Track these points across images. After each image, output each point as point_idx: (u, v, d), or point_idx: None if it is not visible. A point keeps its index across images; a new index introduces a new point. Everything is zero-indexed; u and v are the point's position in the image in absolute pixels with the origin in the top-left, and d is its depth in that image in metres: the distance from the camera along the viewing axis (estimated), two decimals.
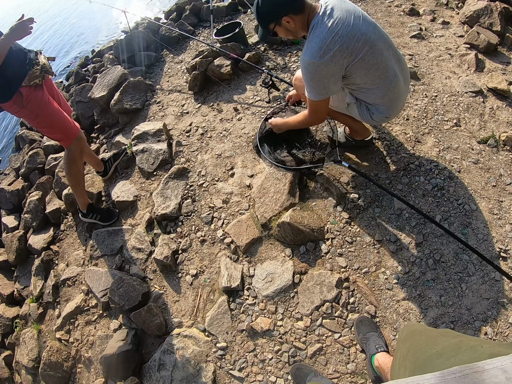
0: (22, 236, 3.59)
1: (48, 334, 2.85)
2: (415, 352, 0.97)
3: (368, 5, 4.75)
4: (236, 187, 2.87)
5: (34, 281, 3.20)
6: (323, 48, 1.88)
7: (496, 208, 2.36)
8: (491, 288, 2.04)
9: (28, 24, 2.30)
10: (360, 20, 1.95)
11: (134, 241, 2.86)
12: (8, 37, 2.22)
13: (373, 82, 2.09)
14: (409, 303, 2.08)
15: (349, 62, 1.97)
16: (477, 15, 3.87)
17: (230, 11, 5.91)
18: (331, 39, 1.87)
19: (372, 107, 2.25)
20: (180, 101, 4.05)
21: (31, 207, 3.62)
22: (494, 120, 2.89)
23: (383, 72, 2.06)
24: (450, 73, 3.38)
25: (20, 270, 3.52)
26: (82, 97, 4.50)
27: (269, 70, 3.80)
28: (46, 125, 2.65)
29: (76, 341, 2.67)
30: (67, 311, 2.78)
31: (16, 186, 4.24)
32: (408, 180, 2.57)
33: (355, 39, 1.91)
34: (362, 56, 1.96)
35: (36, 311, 3.02)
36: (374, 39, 1.97)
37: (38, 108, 2.51)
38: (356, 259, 2.31)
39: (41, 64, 2.52)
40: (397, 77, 2.13)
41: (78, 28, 9.64)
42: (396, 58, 2.15)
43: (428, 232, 2.30)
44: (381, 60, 2.02)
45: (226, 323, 2.26)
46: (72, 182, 2.93)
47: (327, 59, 1.90)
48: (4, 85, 2.34)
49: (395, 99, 2.20)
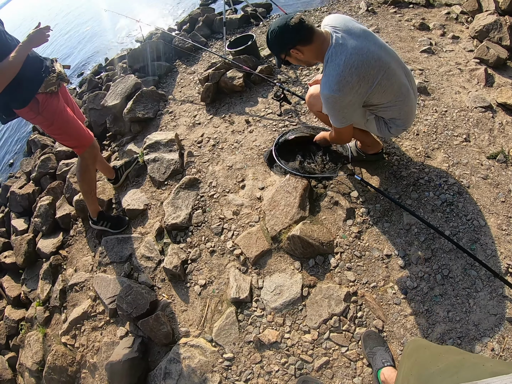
0: (31, 239, 3.63)
1: (54, 338, 2.87)
2: (419, 368, 0.99)
3: (379, 19, 4.82)
4: (246, 199, 2.90)
5: (41, 284, 3.22)
6: (341, 81, 1.94)
7: (504, 224, 2.36)
8: (498, 304, 2.04)
9: (45, 32, 2.35)
10: (372, 45, 2.00)
11: (143, 250, 2.89)
12: (26, 44, 2.26)
13: (389, 100, 2.16)
14: (417, 318, 2.08)
15: (367, 89, 2.03)
16: (487, 30, 3.90)
17: (242, 23, 6.02)
18: (348, 72, 1.92)
19: (390, 122, 2.31)
20: (192, 112, 4.11)
21: (41, 211, 3.66)
22: (504, 135, 2.91)
23: (398, 90, 2.12)
24: (460, 88, 3.41)
25: (28, 273, 3.55)
26: (95, 104, 4.57)
27: (281, 83, 3.84)
28: (60, 132, 2.67)
29: (81, 346, 2.68)
30: (73, 316, 2.80)
31: (27, 190, 4.29)
32: (418, 195, 2.59)
33: (371, 67, 1.96)
34: (379, 81, 2.02)
35: (42, 314, 3.04)
36: (387, 61, 2.03)
37: (54, 115, 2.54)
38: (364, 273, 2.32)
39: (57, 72, 2.55)
40: (409, 91, 2.19)
41: (92, 36, 9.76)
42: (405, 73, 2.21)
43: (437, 247, 2.31)
44: (395, 80, 2.08)
45: (234, 334, 2.27)
46: (84, 189, 2.96)
47: (346, 91, 1.96)
48: (21, 91, 2.37)
49: (409, 112, 2.27)
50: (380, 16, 4.92)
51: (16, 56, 2.20)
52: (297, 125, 3.33)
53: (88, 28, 10.44)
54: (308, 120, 3.42)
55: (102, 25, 10.05)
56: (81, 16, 12.01)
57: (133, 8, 9.98)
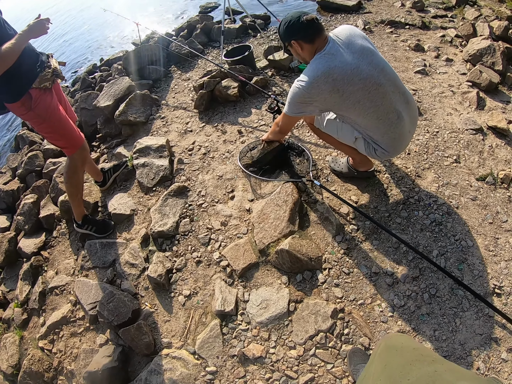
0: (13, 238, 3.54)
1: (31, 341, 2.79)
2: (388, 378, 0.97)
3: (375, 38, 4.91)
4: (235, 210, 2.89)
5: (20, 285, 3.14)
6: (313, 83, 2.05)
7: (492, 245, 2.40)
8: (484, 324, 2.06)
9: (46, 23, 2.30)
10: (365, 64, 2.06)
11: (128, 256, 2.84)
12: (25, 34, 2.20)
13: (371, 122, 2.20)
14: None
15: (339, 102, 2.12)
16: (480, 54, 4.01)
17: (240, 33, 6.05)
18: (324, 79, 2.02)
19: (375, 144, 2.34)
20: (184, 119, 4.09)
21: (25, 209, 3.58)
22: (493, 158, 2.98)
23: (383, 114, 2.15)
24: (452, 110, 3.48)
25: (7, 272, 3.46)
26: (87, 104, 4.52)
27: (276, 95, 3.85)
28: (51, 131, 2.60)
29: (59, 352, 2.61)
30: (52, 320, 2.73)
31: (11, 186, 4.21)
32: (407, 214, 2.62)
33: (351, 84, 2.03)
34: (357, 99, 2.08)
35: (20, 316, 2.96)
36: (377, 83, 2.07)
37: (46, 113, 2.47)
38: (352, 290, 2.32)
39: (53, 68, 2.51)
40: (401, 119, 2.20)
41: (89, 35, 9.68)
42: (404, 100, 2.23)
43: (425, 266, 2.33)
44: (381, 103, 2.12)
45: (217, 347, 2.23)
46: (70, 192, 2.89)
47: (313, 93, 2.08)
48: (14, 85, 2.30)
49: (396, 139, 2.28)
50: (377, 35, 5.01)
51: (15, 43, 2.13)
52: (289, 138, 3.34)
53: (86, 27, 10.37)
54: (301, 134, 3.44)
55: (100, 25, 9.98)
56: (81, 14, 11.92)
57: (132, 10, 9.96)
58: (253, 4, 6.75)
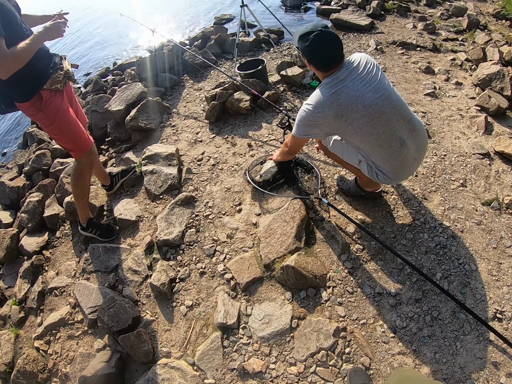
0: (15, 234, 3.54)
1: (26, 340, 2.78)
2: None
3: (386, 58, 4.97)
4: (242, 224, 2.90)
5: (20, 283, 3.13)
6: (318, 108, 2.12)
7: (495, 269, 2.41)
8: (485, 348, 2.07)
9: (62, 26, 2.31)
10: (371, 92, 2.09)
11: (131, 262, 2.84)
12: (41, 35, 2.21)
13: (373, 148, 2.24)
14: (404, 357, 2.09)
15: (343, 127, 2.17)
16: (490, 79, 4.07)
17: (253, 47, 6.13)
18: (329, 105, 2.09)
19: (377, 169, 2.37)
20: (195, 128, 4.12)
21: (29, 207, 3.58)
22: (499, 183, 3.00)
23: (385, 142, 2.18)
24: (460, 134, 3.52)
25: (6, 268, 3.46)
26: (98, 107, 4.56)
27: (287, 111, 3.88)
28: (59, 133, 2.60)
29: (55, 353, 2.60)
30: (50, 321, 2.72)
31: (17, 183, 4.22)
32: (413, 236, 2.64)
33: (355, 110, 2.08)
34: (360, 126, 2.12)
35: (17, 314, 2.95)
36: (380, 111, 2.10)
37: (55, 115, 2.47)
38: (355, 310, 2.33)
39: (65, 70, 2.51)
40: (404, 146, 2.21)
41: (104, 38, 9.76)
42: (409, 128, 2.24)
43: (428, 289, 2.34)
44: (383, 131, 2.15)
45: (217, 359, 2.22)
46: (76, 194, 2.89)
47: (318, 117, 2.16)
48: (26, 84, 2.31)
49: (398, 166, 2.31)
50: (388, 55, 5.08)
51: (30, 44, 2.14)
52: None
53: (102, 30, 10.46)
54: (310, 151, 3.46)
55: (116, 29, 10.07)
56: (98, 17, 12.04)
57: (148, 17, 10.10)
58: (268, 18, 6.83)
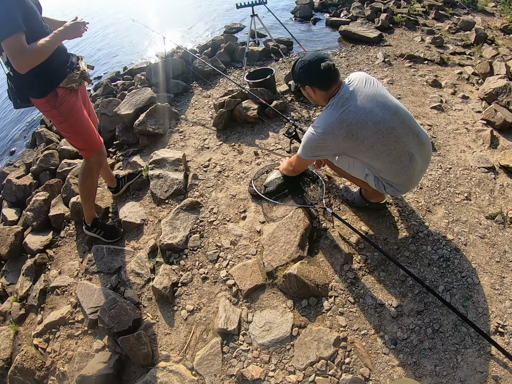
0: (20, 232, 3.56)
1: (25, 337, 2.79)
2: None
3: (394, 71, 5.02)
4: (246, 231, 2.91)
5: (22, 280, 3.15)
6: (328, 130, 2.11)
7: (498, 283, 2.41)
8: (486, 362, 2.05)
9: (82, 27, 2.37)
10: (379, 108, 2.11)
11: (134, 265, 2.85)
12: (61, 33, 2.25)
13: (384, 165, 2.25)
14: (404, 369, 2.08)
15: (353, 147, 2.16)
16: (496, 93, 4.10)
17: (262, 56, 6.21)
18: (338, 125, 2.08)
19: (385, 183, 2.38)
20: (202, 135, 4.16)
21: (35, 206, 3.61)
22: (504, 197, 3.01)
23: (395, 158, 2.20)
24: (465, 147, 3.54)
25: (9, 265, 3.48)
26: (108, 110, 4.61)
27: (294, 121, 3.91)
28: (72, 131, 2.63)
29: (53, 352, 2.60)
30: (50, 319, 2.73)
31: (24, 181, 4.26)
32: (416, 248, 2.64)
33: (365, 128, 2.08)
34: (371, 144, 2.13)
35: (17, 311, 2.96)
36: (391, 127, 2.12)
37: (69, 113, 2.51)
38: (356, 320, 2.32)
39: (81, 70, 2.57)
40: (413, 161, 2.23)
41: (115, 42, 9.86)
42: (417, 142, 2.26)
43: (430, 301, 2.34)
44: (394, 147, 2.16)
45: (216, 365, 2.22)
46: (83, 194, 2.92)
47: (327, 139, 2.15)
48: (43, 81, 2.35)
49: (406, 180, 2.34)
50: (396, 68, 5.14)
51: (49, 41, 2.18)
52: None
53: (113, 34, 10.57)
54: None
55: (127, 34, 10.18)
56: (110, 21, 12.17)
57: (159, 24, 10.18)
58: (277, 28, 6.92)
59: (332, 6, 8.36)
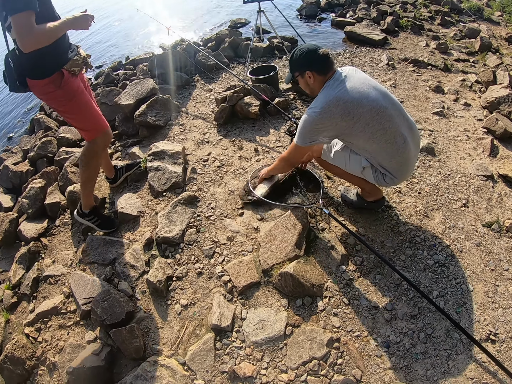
0: (15, 219, 3.55)
1: (17, 326, 2.77)
2: None
3: (397, 75, 5.03)
4: (243, 227, 2.89)
5: (15, 268, 3.13)
6: (325, 108, 2.15)
7: (491, 291, 2.42)
8: (476, 368, 2.06)
9: (90, 19, 2.38)
10: (370, 88, 2.21)
11: (129, 257, 2.83)
12: (70, 22, 2.26)
13: (379, 145, 2.28)
14: (395, 373, 2.08)
15: (350, 126, 2.20)
16: (498, 102, 4.12)
17: (266, 53, 6.17)
18: (335, 103, 2.14)
19: (384, 169, 2.41)
20: (202, 129, 4.13)
21: (31, 193, 3.58)
22: (501, 206, 3.03)
23: (391, 137, 2.25)
24: (465, 154, 3.55)
25: (3, 252, 3.46)
26: (108, 100, 4.58)
27: (296, 119, 3.89)
28: (77, 112, 2.60)
29: (44, 341, 2.58)
30: (42, 308, 2.71)
31: (20, 168, 4.24)
32: (412, 252, 2.64)
33: (360, 106, 2.15)
34: (367, 122, 2.18)
35: (9, 299, 2.94)
36: (384, 106, 2.20)
37: (75, 92, 2.51)
38: (350, 321, 2.32)
39: (83, 56, 2.59)
40: (407, 143, 2.30)
41: (118, 32, 9.78)
42: (407, 126, 2.34)
43: (424, 306, 2.34)
44: (389, 126, 2.22)
45: (208, 361, 2.21)
46: (85, 177, 2.82)
47: (325, 118, 2.17)
48: (48, 62, 2.34)
49: (403, 163, 2.38)
50: (399, 72, 5.14)
51: (58, 27, 2.19)
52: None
53: (117, 24, 10.50)
54: (314, 160, 3.45)
55: (131, 24, 10.10)
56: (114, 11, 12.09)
57: (164, 15, 10.11)
58: (282, 25, 6.89)
59: (338, 6, 8.36)
